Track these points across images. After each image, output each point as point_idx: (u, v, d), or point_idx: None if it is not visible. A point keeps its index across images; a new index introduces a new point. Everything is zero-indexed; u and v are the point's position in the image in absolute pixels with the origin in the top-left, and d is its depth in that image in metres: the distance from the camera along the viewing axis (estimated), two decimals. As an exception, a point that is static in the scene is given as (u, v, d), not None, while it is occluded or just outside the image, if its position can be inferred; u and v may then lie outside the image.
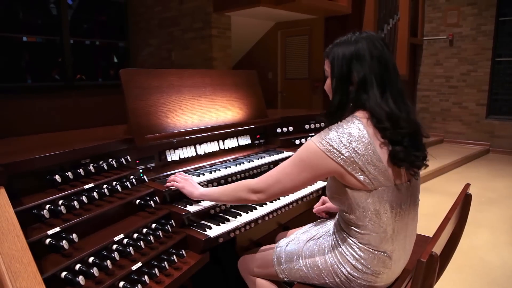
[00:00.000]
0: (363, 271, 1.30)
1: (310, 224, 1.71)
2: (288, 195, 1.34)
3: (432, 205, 4.29)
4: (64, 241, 1.17)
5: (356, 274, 1.30)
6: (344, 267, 1.32)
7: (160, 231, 1.48)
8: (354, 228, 1.30)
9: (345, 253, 1.32)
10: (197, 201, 1.70)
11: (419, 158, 1.25)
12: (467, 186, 1.58)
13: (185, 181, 1.64)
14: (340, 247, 1.35)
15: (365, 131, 1.21)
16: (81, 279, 1.11)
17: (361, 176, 1.20)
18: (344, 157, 1.19)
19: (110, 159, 1.60)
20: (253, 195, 1.38)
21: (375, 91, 1.23)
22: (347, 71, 1.27)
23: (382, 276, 1.31)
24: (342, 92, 1.30)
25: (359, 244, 1.29)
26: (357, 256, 1.30)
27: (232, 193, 1.47)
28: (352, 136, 1.20)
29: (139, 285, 1.24)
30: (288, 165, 1.30)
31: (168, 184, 1.66)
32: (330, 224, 1.59)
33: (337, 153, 1.20)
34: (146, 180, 1.68)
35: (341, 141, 1.20)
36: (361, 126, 1.22)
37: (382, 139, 1.22)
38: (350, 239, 1.32)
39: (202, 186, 1.82)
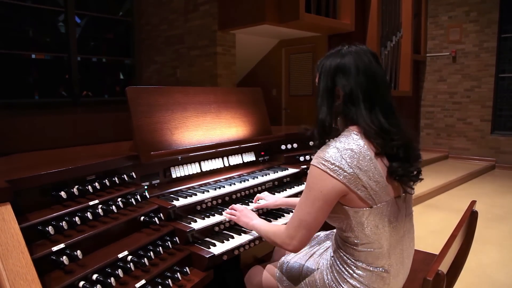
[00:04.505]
0: None
1: (311, 240, 1.70)
2: (316, 231, 1.28)
3: (438, 222, 4.24)
4: (68, 258, 1.17)
5: None
6: (343, 287, 1.30)
7: (164, 248, 1.47)
8: (351, 246, 1.28)
9: (343, 272, 1.31)
10: (202, 218, 1.70)
11: (413, 172, 1.25)
12: (473, 203, 1.56)
13: (240, 212, 1.66)
14: (338, 266, 1.33)
15: (366, 146, 1.20)
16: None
17: (363, 193, 1.19)
18: (347, 174, 1.17)
19: (115, 176, 1.61)
20: (287, 246, 1.30)
21: (363, 106, 1.23)
22: (331, 84, 1.28)
23: None
24: (326, 105, 1.30)
25: (357, 263, 1.27)
26: (355, 275, 1.28)
27: (272, 237, 1.40)
28: (353, 151, 1.19)
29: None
30: (302, 200, 1.26)
31: (226, 216, 1.72)
32: (329, 241, 1.59)
33: (340, 170, 1.17)
34: (148, 196, 1.69)
35: (342, 157, 1.18)
36: (360, 141, 1.21)
37: (378, 153, 1.21)
38: (348, 258, 1.30)
39: (207, 202, 1.83)
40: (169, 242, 1.50)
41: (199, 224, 1.64)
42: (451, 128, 7.74)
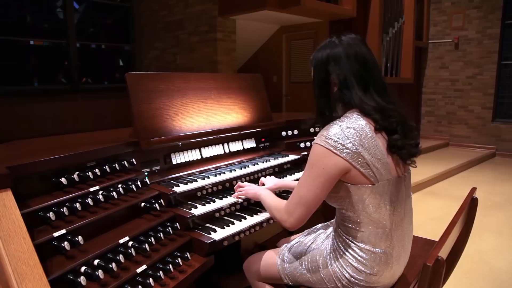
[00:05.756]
0: (366, 273, 1.29)
1: (313, 227, 1.71)
2: (314, 210, 1.30)
3: (438, 209, 4.26)
4: (69, 244, 1.18)
5: (358, 277, 1.30)
6: (346, 271, 1.32)
7: (165, 234, 1.48)
8: (353, 227, 1.30)
9: (347, 256, 1.32)
10: (203, 204, 1.70)
11: (413, 145, 1.30)
12: (473, 190, 1.57)
13: (248, 185, 1.76)
14: (341, 250, 1.34)
15: (367, 125, 1.24)
16: (82, 279, 1.11)
17: (366, 170, 1.21)
18: (350, 151, 1.20)
19: (116, 162, 1.61)
20: (284, 222, 1.35)
21: (357, 89, 1.28)
22: (325, 74, 1.34)
23: (385, 276, 1.31)
24: (324, 95, 1.36)
25: (359, 244, 1.29)
26: (358, 257, 1.30)
27: (273, 211, 1.46)
28: (356, 130, 1.22)
29: (143, 287, 1.24)
30: (303, 178, 1.29)
31: (235, 196, 1.80)
32: (331, 227, 1.59)
33: (343, 148, 1.20)
34: (149, 183, 1.69)
35: (345, 135, 1.21)
36: (362, 121, 1.25)
37: (378, 131, 1.25)
38: (350, 241, 1.32)
39: (207, 188, 1.83)
40: (169, 228, 1.51)
41: (199, 210, 1.64)
42: (452, 115, 7.72)
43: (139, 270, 1.28)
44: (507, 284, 2.66)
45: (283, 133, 2.56)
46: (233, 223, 1.67)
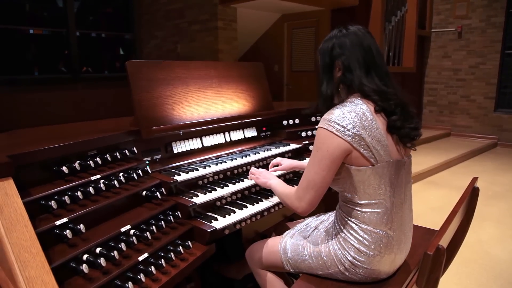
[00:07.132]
0: (368, 254, 1.31)
1: (315, 216, 1.72)
2: (324, 193, 1.33)
3: (439, 198, 4.27)
4: (71, 232, 1.18)
5: (360, 258, 1.32)
6: (348, 253, 1.34)
7: (166, 223, 1.49)
8: (355, 208, 1.33)
9: (348, 238, 1.35)
10: (204, 193, 1.70)
11: (413, 129, 1.33)
12: (475, 179, 1.56)
13: (259, 173, 1.75)
14: (343, 232, 1.37)
15: (368, 110, 1.29)
16: (84, 267, 1.12)
17: (366, 151, 1.26)
18: (351, 133, 1.25)
19: (117, 151, 1.61)
20: (296, 208, 1.38)
21: (359, 72, 1.32)
22: (330, 59, 1.39)
23: (386, 259, 1.33)
24: (327, 78, 1.41)
25: (361, 225, 1.32)
26: (360, 238, 1.32)
27: (284, 199, 1.49)
28: (357, 114, 1.27)
29: (145, 275, 1.25)
30: (310, 162, 1.33)
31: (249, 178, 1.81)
32: (333, 215, 1.60)
33: (345, 130, 1.25)
34: (150, 171, 1.69)
35: (347, 118, 1.26)
36: (363, 105, 1.30)
37: (378, 113, 1.30)
38: (352, 222, 1.34)
39: (208, 177, 1.83)
40: (171, 217, 1.51)
41: (200, 198, 1.65)
42: (454, 105, 7.68)
43: (140, 258, 1.29)
44: (507, 273, 2.67)
45: (284, 122, 2.55)
46: (234, 212, 1.68)
